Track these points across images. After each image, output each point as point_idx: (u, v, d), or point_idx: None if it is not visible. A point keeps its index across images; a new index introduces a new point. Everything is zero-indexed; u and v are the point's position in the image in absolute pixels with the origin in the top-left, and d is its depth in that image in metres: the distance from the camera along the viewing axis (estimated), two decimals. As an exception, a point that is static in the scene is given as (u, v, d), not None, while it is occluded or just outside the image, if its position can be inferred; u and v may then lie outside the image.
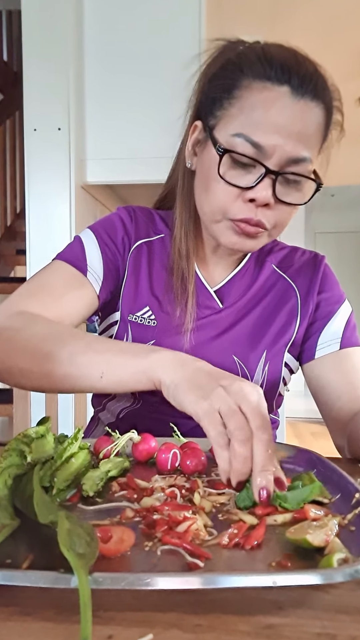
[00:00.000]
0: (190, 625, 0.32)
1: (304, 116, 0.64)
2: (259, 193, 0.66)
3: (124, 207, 0.86)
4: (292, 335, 0.82)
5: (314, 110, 0.65)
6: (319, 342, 0.82)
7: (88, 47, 1.99)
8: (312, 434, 4.60)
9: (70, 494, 0.50)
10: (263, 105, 0.64)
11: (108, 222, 0.83)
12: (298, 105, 0.64)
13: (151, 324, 0.80)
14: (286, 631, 0.31)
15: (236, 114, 0.66)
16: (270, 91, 0.64)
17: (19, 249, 3.43)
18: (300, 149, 0.65)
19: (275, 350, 0.81)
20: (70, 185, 1.92)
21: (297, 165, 0.66)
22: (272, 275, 0.85)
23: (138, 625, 0.32)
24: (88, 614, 0.29)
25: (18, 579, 0.33)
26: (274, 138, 0.64)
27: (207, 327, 0.80)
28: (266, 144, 0.64)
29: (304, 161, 0.66)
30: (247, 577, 0.33)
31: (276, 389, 0.82)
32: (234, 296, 0.82)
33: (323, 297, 0.83)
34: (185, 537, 0.40)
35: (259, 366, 0.80)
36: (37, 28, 1.92)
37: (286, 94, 0.64)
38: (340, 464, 0.56)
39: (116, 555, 0.38)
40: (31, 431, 0.53)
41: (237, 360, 0.79)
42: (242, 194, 0.67)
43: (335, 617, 0.33)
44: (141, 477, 0.54)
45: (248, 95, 0.65)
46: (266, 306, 0.82)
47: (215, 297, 0.81)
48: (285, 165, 0.65)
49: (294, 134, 0.64)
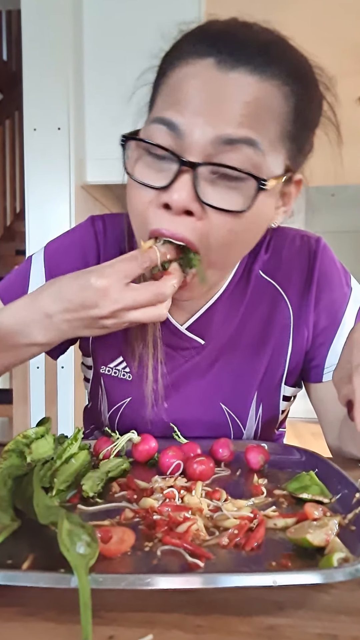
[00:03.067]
0: (191, 625, 0.32)
1: (238, 90, 0.50)
2: (175, 194, 0.49)
3: (92, 223, 0.72)
4: (285, 366, 0.70)
5: (258, 86, 0.50)
6: (326, 364, 0.69)
7: (87, 46, 1.99)
8: (312, 434, 4.60)
9: (70, 495, 0.50)
10: (181, 81, 0.52)
11: (65, 247, 0.70)
12: (225, 78, 0.50)
13: (126, 377, 0.70)
14: (287, 632, 0.31)
15: (157, 99, 0.55)
16: (192, 66, 0.52)
17: (18, 249, 3.43)
18: (227, 127, 0.49)
19: (270, 388, 0.70)
20: (69, 186, 1.92)
21: (231, 154, 0.49)
22: (258, 285, 0.69)
23: (139, 626, 0.32)
24: (88, 614, 0.29)
25: (19, 579, 0.33)
26: (191, 116, 0.50)
27: (189, 373, 0.69)
28: (181, 123, 0.50)
29: (237, 146, 0.49)
30: (247, 576, 0.33)
31: (274, 424, 0.74)
32: (216, 327, 0.68)
33: (323, 307, 0.68)
34: (186, 537, 0.40)
35: (251, 411, 0.70)
36: (37, 28, 1.92)
37: (209, 67, 0.51)
38: (340, 464, 0.56)
39: (116, 556, 0.38)
40: (31, 432, 0.53)
41: (225, 409, 0.69)
42: (157, 197, 0.52)
43: (336, 618, 0.33)
44: (141, 478, 0.54)
45: (170, 76, 0.54)
46: (255, 334, 0.69)
47: (190, 334, 0.68)
48: (213, 153, 0.50)
49: (218, 110, 0.49)
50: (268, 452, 0.61)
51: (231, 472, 0.58)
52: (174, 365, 0.69)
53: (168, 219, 0.51)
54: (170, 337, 0.68)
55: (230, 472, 0.59)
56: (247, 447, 0.61)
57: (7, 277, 0.72)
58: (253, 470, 0.59)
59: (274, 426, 0.74)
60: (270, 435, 0.76)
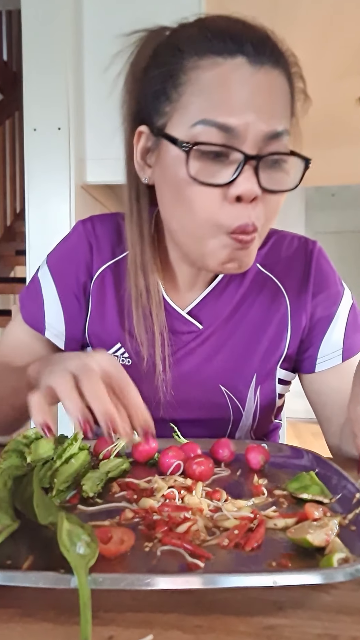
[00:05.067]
0: (191, 626, 0.32)
1: (270, 85, 0.54)
2: (243, 186, 0.54)
3: (82, 226, 0.75)
4: (284, 350, 0.72)
5: (279, 79, 0.55)
6: (319, 354, 0.72)
7: (88, 46, 1.99)
8: (312, 434, 4.60)
9: (70, 495, 0.50)
10: (219, 82, 0.53)
11: (65, 255, 0.75)
12: (259, 75, 0.54)
13: (126, 362, 0.72)
14: (286, 632, 0.31)
15: (190, 101, 0.55)
16: (222, 66, 0.54)
17: (18, 249, 3.42)
18: (274, 122, 0.54)
19: (266, 371, 0.72)
20: (70, 185, 1.92)
21: (276, 143, 0.55)
22: (257, 278, 0.73)
23: (138, 626, 0.32)
24: (88, 614, 0.29)
25: (18, 579, 0.33)
26: (243, 116, 0.53)
27: (189, 356, 0.72)
28: (236, 124, 0.53)
29: (282, 136, 0.55)
30: (247, 577, 0.33)
31: (272, 409, 0.76)
32: (215, 313, 0.72)
33: (319, 300, 0.72)
34: (186, 537, 0.40)
35: (250, 393, 0.72)
36: (37, 28, 1.92)
37: (243, 65, 0.53)
38: (340, 464, 0.56)
39: (116, 556, 0.38)
40: (31, 432, 0.53)
41: (225, 391, 0.72)
42: (225, 194, 0.55)
43: (336, 618, 0.33)
44: (141, 478, 0.54)
45: (197, 76, 0.54)
46: (253, 320, 0.72)
47: (191, 319, 0.71)
48: (263, 146, 0.54)
49: (264, 107, 0.54)
50: (268, 452, 0.61)
51: (231, 472, 0.58)
52: (174, 348, 0.72)
53: (243, 213, 0.55)
54: (171, 321, 0.71)
55: (231, 472, 0.58)
56: (247, 447, 0.61)
57: (23, 305, 0.76)
58: (253, 471, 0.59)
59: (272, 410, 0.77)
60: (268, 420, 0.78)
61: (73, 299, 0.74)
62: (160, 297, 0.69)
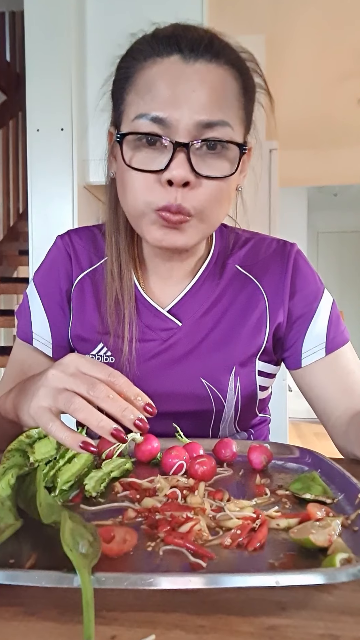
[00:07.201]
0: (193, 626, 0.32)
1: (205, 78, 0.59)
2: (174, 171, 0.59)
3: (61, 240, 0.81)
4: (262, 344, 0.76)
5: (217, 71, 0.60)
6: (303, 349, 0.75)
7: (90, 47, 1.99)
8: (315, 435, 4.59)
9: (72, 495, 0.50)
10: (155, 78, 0.60)
11: (47, 268, 0.80)
12: (193, 69, 0.59)
13: (109, 360, 0.76)
14: (289, 632, 0.31)
15: (134, 99, 0.62)
16: (160, 64, 0.60)
17: (21, 249, 3.43)
18: (207, 112, 0.59)
19: (245, 363, 0.76)
20: (72, 186, 1.93)
21: (211, 132, 0.60)
22: (235, 278, 0.77)
23: (141, 626, 0.32)
24: (91, 613, 0.29)
25: (21, 578, 0.33)
26: (173, 107, 0.59)
27: (169, 350, 0.75)
28: (166, 116, 0.59)
29: (216, 126, 0.59)
30: (250, 577, 0.33)
31: (254, 400, 0.79)
32: (194, 310, 0.75)
33: (297, 298, 0.75)
34: (188, 537, 0.40)
35: (230, 384, 0.75)
36: (40, 29, 1.92)
37: (177, 62, 0.60)
38: (343, 464, 0.55)
39: (119, 555, 0.38)
40: (33, 431, 0.53)
41: (206, 384, 0.75)
42: (159, 179, 0.61)
43: (338, 618, 0.32)
44: (144, 478, 0.54)
45: (140, 76, 0.61)
46: (232, 316, 0.76)
47: (170, 317, 0.75)
48: (197, 135, 0.59)
49: (196, 98, 0.59)
50: (271, 452, 0.61)
51: (234, 472, 0.58)
52: (153, 344, 0.75)
53: (171, 194, 0.60)
54: (151, 319, 0.75)
55: (233, 472, 0.59)
56: (249, 447, 0.61)
57: (17, 323, 0.82)
58: (256, 471, 0.59)
59: (254, 401, 0.79)
60: (251, 411, 0.81)
61: (57, 308, 0.79)
62: (132, 283, 0.74)
